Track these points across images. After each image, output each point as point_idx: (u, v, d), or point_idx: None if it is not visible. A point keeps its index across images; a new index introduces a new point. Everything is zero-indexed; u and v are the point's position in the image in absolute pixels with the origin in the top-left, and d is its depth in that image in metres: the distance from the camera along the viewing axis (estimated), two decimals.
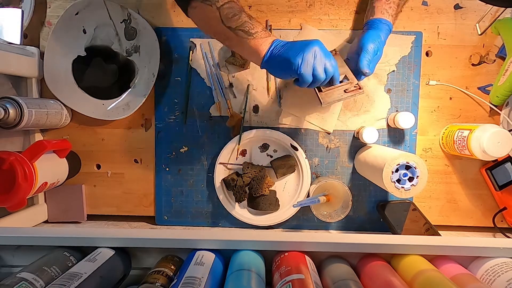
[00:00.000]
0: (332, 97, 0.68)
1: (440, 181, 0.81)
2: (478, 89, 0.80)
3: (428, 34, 0.79)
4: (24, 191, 0.66)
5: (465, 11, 0.79)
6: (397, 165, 0.64)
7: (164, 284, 0.46)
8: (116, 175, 0.84)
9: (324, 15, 0.80)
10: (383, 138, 0.81)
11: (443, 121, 0.80)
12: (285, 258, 0.47)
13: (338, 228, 0.82)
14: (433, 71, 0.80)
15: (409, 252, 0.49)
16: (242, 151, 0.81)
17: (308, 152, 0.81)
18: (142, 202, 0.84)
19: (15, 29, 0.64)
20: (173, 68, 0.82)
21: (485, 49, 0.79)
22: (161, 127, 0.82)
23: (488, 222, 0.80)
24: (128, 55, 0.80)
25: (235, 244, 0.50)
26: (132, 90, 0.81)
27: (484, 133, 0.67)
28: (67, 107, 0.80)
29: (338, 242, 0.49)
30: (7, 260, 0.52)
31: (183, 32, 0.81)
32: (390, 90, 0.80)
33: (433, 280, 0.43)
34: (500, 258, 0.48)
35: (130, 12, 0.78)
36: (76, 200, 0.83)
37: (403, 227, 0.74)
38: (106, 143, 0.84)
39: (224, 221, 0.83)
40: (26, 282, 0.43)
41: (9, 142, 0.77)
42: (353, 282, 0.44)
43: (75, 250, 0.52)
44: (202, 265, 0.46)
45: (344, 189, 0.72)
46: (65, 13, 0.76)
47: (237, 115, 0.81)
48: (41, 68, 0.78)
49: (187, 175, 0.83)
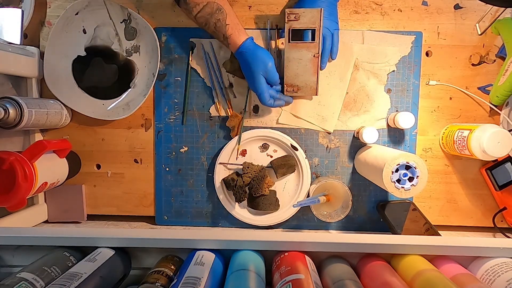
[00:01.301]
0: None
1: (440, 181, 0.81)
2: (478, 89, 0.80)
3: (428, 34, 0.79)
4: (24, 191, 0.66)
5: (465, 11, 0.79)
6: (397, 165, 0.64)
7: (164, 284, 0.46)
8: (116, 175, 0.84)
9: None
10: (383, 138, 0.81)
11: (443, 121, 0.80)
12: (285, 258, 0.47)
13: (338, 228, 0.82)
14: (433, 71, 0.80)
15: (409, 252, 0.49)
16: (242, 151, 0.81)
17: (308, 152, 0.81)
18: (142, 202, 0.84)
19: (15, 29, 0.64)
20: (173, 68, 0.82)
21: (485, 49, 0.79)
22: (161, 127, 0.82)
23: (488, 222, 0.80)
24: (128, 55, 0.80)
25: (235, 244, 0.50)
26: (132, 90, 0.81)
27: (484, 133, 0.67)
28: (67, 107, 0.80)
29: (338, 242, 0.49)
30: (7, 260, 0.52)
31: (183, 32, 0.81)
32: (390, 90, 0.80)
33: (433, 280, 0.43)
34: (500, 258, 0.48)
35: (130, 12, 0.78)
36: (76, 200, 0.83)
37: (403, 227, 0.74)
38: (106, 143, 0.84)
39: (224, 221, 0.83)
40: (26, 282, 0.43)
41: (9, 142, 0.77)
42: (353, 282, 0.44)
43: (75, 250, 0.52)
44: (202, 265, 0.46)
45: (344, 189, 0.72)
46: (65, 13, 0.76)
47: (237, 115, 0.81)
48: (41, 68, 0.78)
49: (187, 175, 0.83)
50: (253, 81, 0.74)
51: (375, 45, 0.79)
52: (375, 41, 0.79)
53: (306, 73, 0.74)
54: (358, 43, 0.80)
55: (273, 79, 0.74)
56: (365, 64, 0.80)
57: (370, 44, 0.79)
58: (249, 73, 0.74)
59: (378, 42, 0.79)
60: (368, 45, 0.79)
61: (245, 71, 0.76)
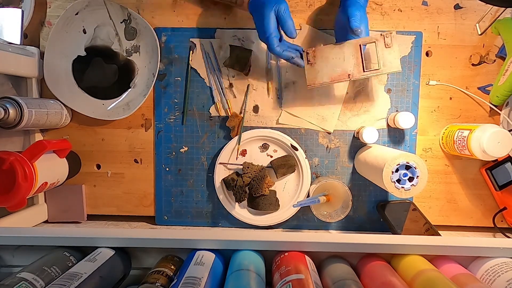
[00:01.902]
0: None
1: (440, 181, 0.81)
2: (478, 89, 0.80)
3: (428, 34, 0.79)
4: (24, 191, 0.66)
5: (465, 11, 0.79)
6: (397, 165, 0.64)
7: (164, 284, 0.46)
8: (116, 175, 0.84)
9: (324, 15, 0.80)
10: (383, 138, 0.81)
11: (443, 121, 0.80)
12: (285, 258, 0.47)
13: (338, 228, 0.82)
14: (433, 71, 0.80)
15: (409, 252, 0.49)
16: (242, 151, 0.81)
17: (308, 152, 0.81)
18: (142, 202, 0.84)
19: (15, 29, 0.64)
20: (173, 68, 0.82)
21: (485, 49, 0.79)
22: (161, 127, 0.82)
23: (488, 222, 0.80)
24: (128, 55, 0.80)
25: (235, 244, 0.50)
26: (132, 90, 0.81)
27: (484, 133, 0.67)
28: (67, 107, 0.80)
29: (338, 242, 0.49)
30: (7, 260, 0.52)
31: (183, 32, 0.81)
32: (390, 90, 0.80)
33: (433, 280, 0.43)
34: (500, 258, 0.48)
35: (130, 12, 0.78)
36: (76, 200, 0.83)
37: (403, 227, 0.74)
38: (106, 143, 0.83)
39: (224, 221, 0.83)
40: (26, 282, 0.43)
41: (9, 142, 0.77)
42: (353, 282, 0.44)
43: (75, 250, 0.52)
44: (202, 265, 0.46)
45: (344, 189, 0.72)
46: (65, 13, 0.76)
47: (237, 115, 0.81)
48: (41, 68, 0.78)
49: (187, 175, 0.83)
50: (262, 21, 0.65)
51: None
52: None
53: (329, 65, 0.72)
54: None
55: (286, 24, 0.66)
56: None
57: None
58: (259, 12, 0.66)
59: None
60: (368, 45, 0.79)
61: (254, 12, 0.69)
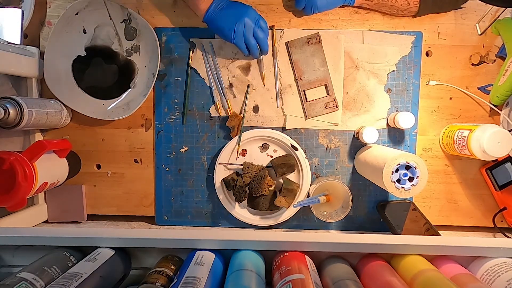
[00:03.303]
0: (315, 111, 0.80)
1: (440, 181, 0.81)
2: (478, 89, 0.80)
3: (428, 34, 0.79)
4: (24, 191, 0.66)
5: (465, 11, 0.79)
6: (397, 165, 0.64)
7: (164, 284, 0.46)
8: (116, 175, 0.84)
9: (324, 15, 0.80)
10: (383, 138, 0.81)
11: (443, 121, 0.80)
12: (285, 258, 0.47)
13: (338, 228, 0.82)
14: (433, 71, 0.80)
15: (409, 252, 0.49)
16: (242, 151, 0.81)
17: (308, 152, 0.81)
18: (142, 202, 0.84)
19: (15, 29, 0.64)
20: (173, 68, 0.82)
21: (485, 49, 0.79)
22: (161, 127, 0.82)
23: (488, 222, 0.80)
24: (128, 55, 0.80)
25: (235, 244, 0.50)
26: (132, 90, 0.81)
27: (484, 133, 0.67)
28: (67, 107, 0.80)
29: (338, 242, 0.49)
30: (7, 260, 0.52)
31: (183, 32, 0.81)
32: (390, 90, 0.80)
33: (433, 280, 0.43)
34: (500, 258, 0.48)
35: (130, 12, 0.78)
36: (76, 200, 0.83)
37: (403, 227, 0.74)
38: (106, 143, 0.83)
39: (224, 221, 0.83)
40: (26, 282, 0.43)
41: (9, 142, 0.77)
42: (353, 282, 0.44)
43: (75, 250, 0.52)
44: (202, 265, 0.46)
45: (344, 189, 0.72)
46: (65, 13, 0.76)
47: (237, 115, 0.81)
48: (41, 68, 0.78)
49: (187, 175, 0.83)
50: None
51: (375, 45, 0.79)
52: (375, 41, 0.79)
53: None
54: (358, 43, 0.80)
55: (250, 45, 0.74)
56: (365, 64, 0.80)
57: (370, 44, 0.79)
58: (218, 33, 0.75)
59: (378, 42, 0.79)
60: (368, 45, 0.79)
61: None
